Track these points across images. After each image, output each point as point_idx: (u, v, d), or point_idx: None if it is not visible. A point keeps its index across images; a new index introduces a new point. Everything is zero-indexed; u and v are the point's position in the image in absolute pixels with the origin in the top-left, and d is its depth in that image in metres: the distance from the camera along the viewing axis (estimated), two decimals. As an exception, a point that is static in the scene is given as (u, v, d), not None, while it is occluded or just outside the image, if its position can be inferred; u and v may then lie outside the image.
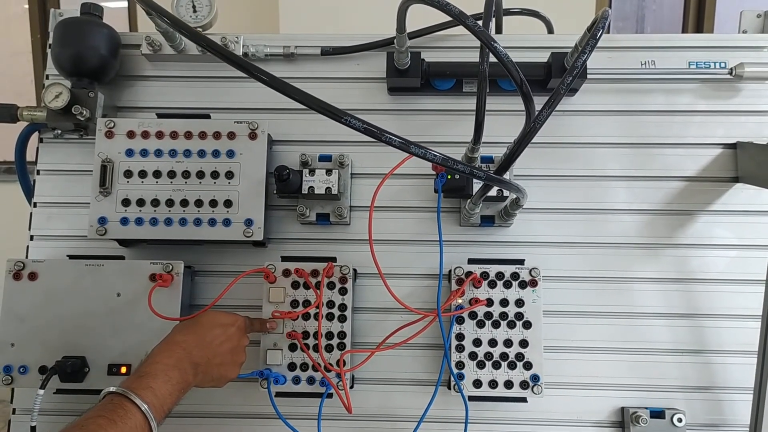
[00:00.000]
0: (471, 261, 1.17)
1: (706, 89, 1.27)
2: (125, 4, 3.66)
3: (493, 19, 1.27)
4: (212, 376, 1.02)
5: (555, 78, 1.21)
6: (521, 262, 1.16)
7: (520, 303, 1.14)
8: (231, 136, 1.17)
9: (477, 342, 1.13)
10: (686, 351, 1.20)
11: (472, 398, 1.12)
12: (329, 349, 1.14)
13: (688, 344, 1.20)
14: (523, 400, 1.14)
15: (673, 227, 1.24)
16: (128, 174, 1.16)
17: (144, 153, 1.17)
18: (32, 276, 1.14)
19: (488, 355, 1.13)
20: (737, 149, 1.24)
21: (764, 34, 1.28)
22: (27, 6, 3.59)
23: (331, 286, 1.16)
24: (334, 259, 1.17)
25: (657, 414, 1.16)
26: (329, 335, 1.15)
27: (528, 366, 1.12)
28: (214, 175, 1.17)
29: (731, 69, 1.24)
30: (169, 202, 1.16)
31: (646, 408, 1.16)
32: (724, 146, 1.25)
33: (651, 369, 1.20)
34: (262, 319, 1.14)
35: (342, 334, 1.15)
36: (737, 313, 1.20)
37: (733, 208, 1.23)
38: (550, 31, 1.50)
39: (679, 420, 1.15)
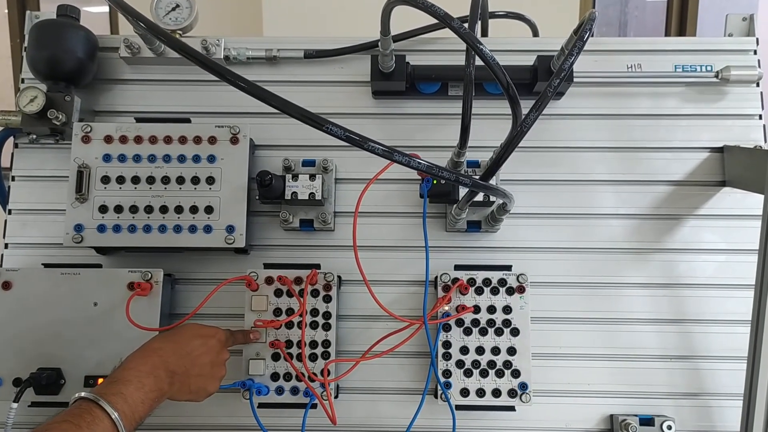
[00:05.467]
0: (457, 267, 1.15)
1: (692, 92, 1.27)
2: (107, 8, 3.61)
3: (479, 22, 1.26)
4: (190, 388, 0.98)
5: (541, 81, 1.20)
6: (508, 268, 1.14)
7: (507, 310, 1.12)
8: (212, 140, 1.15)
9: (464, 350, 1.11)
10: (675, 357, 1.19)
11: (459, 407, 1.10)
12: (313, 358, 1.12)
13: (677, 350, 1.19)
14: (511, 408, 1.11)
15: (661, 232, 1.23)
16: (106, 180, 1.13)
17: (122, 158, 1.14)
18: (6, 285, 1.10)
19: (475, 363, 1.11)
20: (724, 153, 1.24)
21: (750, 37, 1.28)
22: (6, 10, 3.53)
23: (315, 293, 1.13)
24: (318, 266, 1.15)
25: (646, 421, 1.14)
26: (313, 344, 1.12)
27: (516, 374, 1.10)
28: (195, 180, 1.14)
29: (717, 72, 1.23)
30: (148, 209, 1.13)
31: (636, 415, 1.15)
32: (710, 150, 1.25)
33: (640, 375, 1.18)
34: (244, 331, 1.11)
35: (326, 343, 1.12)
36: (726, 318, 1.19)
37: (721, 212, 1.23)
38: (536, 34, 1.50)
39: (669, 427, 1.13)
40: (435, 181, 1.10)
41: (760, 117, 1.26)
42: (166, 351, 0.95)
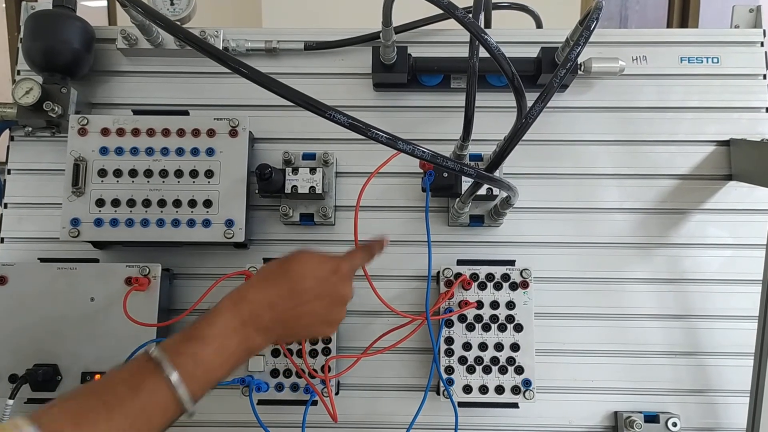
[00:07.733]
0: (460, 262, 1.13)
1: (698, 85, 1.25)
2: (104, 2, 3.59)
3: (482, 14, 1.24)
4: (295, 338, 0.85)
5: (545, 73, 1.18)
6: (512, 263, 1.13)
7: (510, 305, 1.11)
8: (211, 133, 1.13)
9: (467, 346, 1.10)
10: (680, 353, 1.17)
11: (462, 404, 1.09)
12: (314, 354, 1.10)
13: (682, 346, 1.17)
14: (515, 405, 1.10)
15: (666, 226, 1.21)
16: (102, 173, 1.11)
17: (119, 151, 1.12)
18: (2, 280, 1.09)
19: (478, 360, 1.09)
20: (730, 146, 1.22)
21: (757, 29, 1.26)
22: (4, 4, 3.51)
23: (315, 288, 1.12)
24: (318, 261, 1.13)
25: (651, 418, 1.13)
26: (314, 340, 1.10)
27: (519, 370, 1.09)
28: (193, 174, 1.12)
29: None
30: (146, 203, 1.11)
31: (640, 412, 1.13)
32: (716, 143, 1.23)
33: (644, 372, 1.17)
34: (368, 245, 0.92)
35: (327, 339, 1.10)
36: (732, 314, 1.17)
37: (727, 206, 1.21)
38: (539, 25, 1.48)
39: (674, 424, 1.12)
40: (437, 175, 1.09)
41: (767, 110, 1.24)
42: (261, 305, 0.77)
